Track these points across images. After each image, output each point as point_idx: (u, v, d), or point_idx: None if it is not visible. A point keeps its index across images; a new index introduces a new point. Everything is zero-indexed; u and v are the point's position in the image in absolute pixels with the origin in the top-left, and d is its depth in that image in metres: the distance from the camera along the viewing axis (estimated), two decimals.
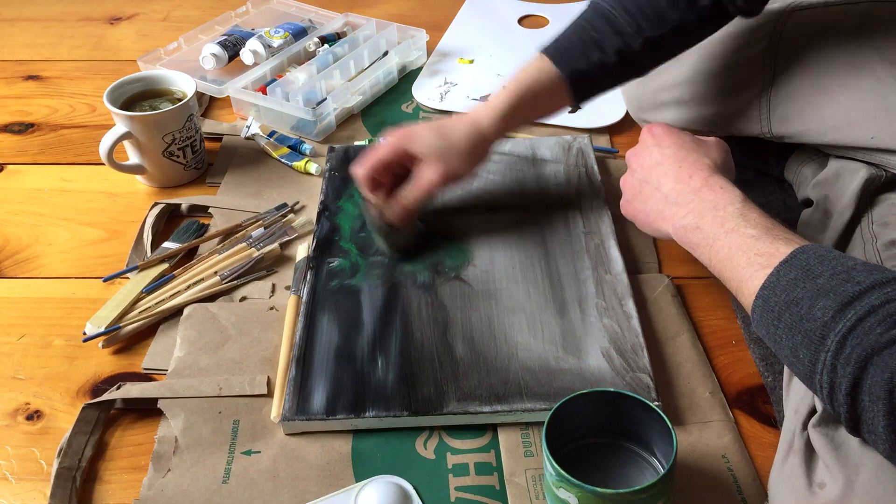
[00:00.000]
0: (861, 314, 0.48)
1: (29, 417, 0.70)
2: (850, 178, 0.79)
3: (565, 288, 0.78)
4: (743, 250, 0.58)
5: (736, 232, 0.59)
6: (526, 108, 0.79)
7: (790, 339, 0.52)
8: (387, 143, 0.78)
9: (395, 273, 0.80)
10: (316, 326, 0.74)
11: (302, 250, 0.85)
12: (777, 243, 0.56)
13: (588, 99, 0.81)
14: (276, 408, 0.68)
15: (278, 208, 0.91)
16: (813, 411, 0.58)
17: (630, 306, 0.75)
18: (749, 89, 0.85)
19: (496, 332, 0.74)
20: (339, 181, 0.93)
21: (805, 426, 0.58)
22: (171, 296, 0.80)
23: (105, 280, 0.83)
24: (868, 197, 0.78)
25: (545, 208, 0.87)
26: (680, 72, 0.92)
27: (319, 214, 0.88)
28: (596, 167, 0.93)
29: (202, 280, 0.81)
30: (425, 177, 0.77)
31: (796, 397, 0.61)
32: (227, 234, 0.88)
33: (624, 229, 0.87)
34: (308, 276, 0.80)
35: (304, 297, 0.77)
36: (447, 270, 0.80)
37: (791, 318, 0.52)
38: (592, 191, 0.89)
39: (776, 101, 0.83)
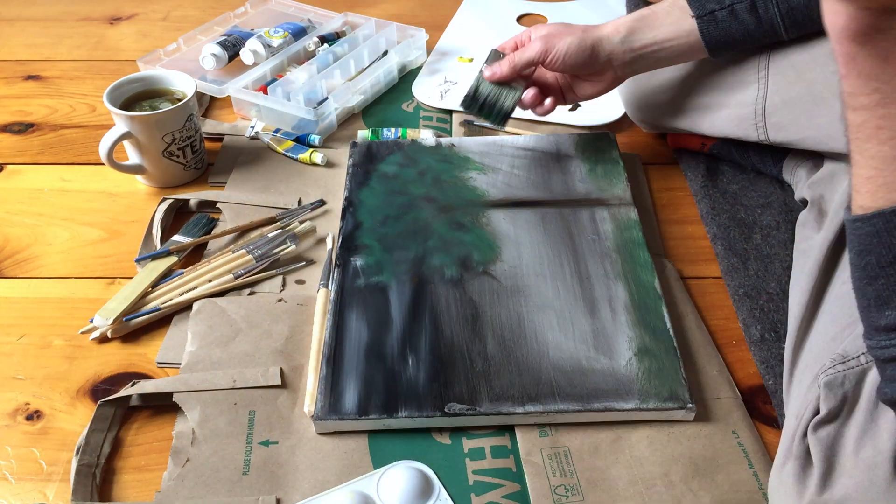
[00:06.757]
0: None
1: (29, 417, 0.70)
2: (844, 178, 0.78)
3: (594, 287, 0.77)
4: None
5: None
6: (648, 28, 0.82)
7: None
8: (535, 47, 0.84)
9: (422, 268, 0.79)
10: (345, 324, 0.73)
11: (329, 241, 0.84)
12: None
13: (724, 50, 0.82)
14: (309, 401, 0.68)
15: (313, 205, 0.91)
16: (815, 416, 0.58)
17: (662, 309, 0.74)
18: (744, 95, 0.85)
19: (526, 329, 0.73)
20: (361, 176, 0.92)
21: (806, 434, 0.58)
22: (180, 293, 0.79)
23: (137, 261, 0.83)
24: None
25: (571, 205, 0.87)
26: (676, 72, 0.92)
27: (344, 210, 0.87)
28: (621, 164, 0.92)
29: (212, 279, 0.81)
30: (533, 45, 0.84)
31: (797, 402, 0.61)
32: (243, 232, 0.88)
33: (649, 223, 0.87)
34: (335, 274, 0.79)
35: (332, 295, 0.77)
36: (475, 265, 0.79)
37: None
38: (618, 188, 0.89)
39: (771, 110, 0.83)
